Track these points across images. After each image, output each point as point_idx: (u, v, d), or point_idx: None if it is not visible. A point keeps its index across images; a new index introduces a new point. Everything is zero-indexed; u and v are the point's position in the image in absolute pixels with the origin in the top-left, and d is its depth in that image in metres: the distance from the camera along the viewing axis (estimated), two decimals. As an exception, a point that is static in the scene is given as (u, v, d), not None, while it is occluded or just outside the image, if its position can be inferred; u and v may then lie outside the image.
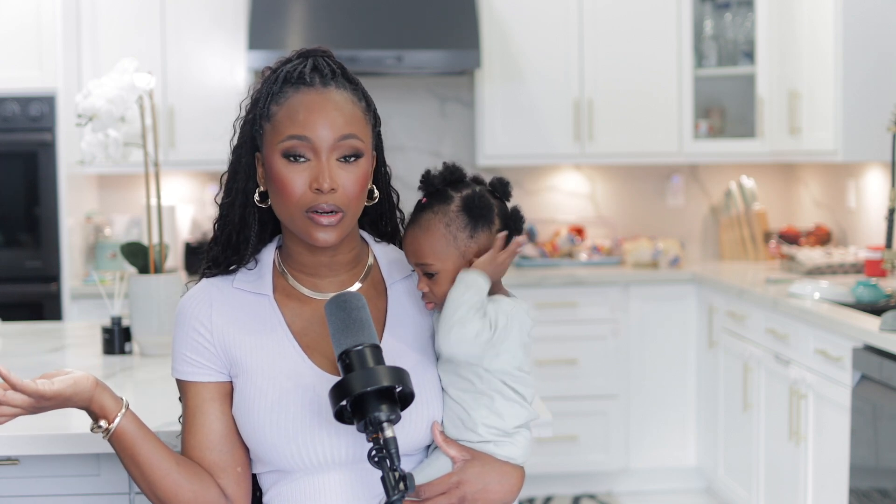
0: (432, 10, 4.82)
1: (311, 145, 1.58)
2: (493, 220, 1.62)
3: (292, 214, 1.60)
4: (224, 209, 1.69)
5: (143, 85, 2.74)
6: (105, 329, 2.86)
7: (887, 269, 3.90)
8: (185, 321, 1.67)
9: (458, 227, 1.61)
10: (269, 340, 1.64)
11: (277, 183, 1.59)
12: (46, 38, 4.50)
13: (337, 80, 1.63)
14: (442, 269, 1.61)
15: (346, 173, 1.59)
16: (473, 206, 1.61)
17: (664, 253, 4.96)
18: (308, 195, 1.58)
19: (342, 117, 1.59)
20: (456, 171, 1.65)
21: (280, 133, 1.59)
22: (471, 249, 1.61)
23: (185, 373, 1.66)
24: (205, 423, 1.64)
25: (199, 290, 1.69)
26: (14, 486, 2.07)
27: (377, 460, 1.43)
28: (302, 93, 1.60)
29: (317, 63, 1.64)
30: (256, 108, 1.64)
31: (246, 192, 1.66)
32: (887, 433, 3.06)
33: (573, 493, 4.82)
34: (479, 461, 1.59)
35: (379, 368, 1.45)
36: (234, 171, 1.68)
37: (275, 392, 1.60)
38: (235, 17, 4.82)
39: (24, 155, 4.53)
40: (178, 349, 1.67)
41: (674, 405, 4.81)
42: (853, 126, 4.12)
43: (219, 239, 1.70)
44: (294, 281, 1.69)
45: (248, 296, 1.67)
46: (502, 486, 1.59)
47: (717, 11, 5.12)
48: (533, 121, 4.99)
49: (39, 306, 4.55)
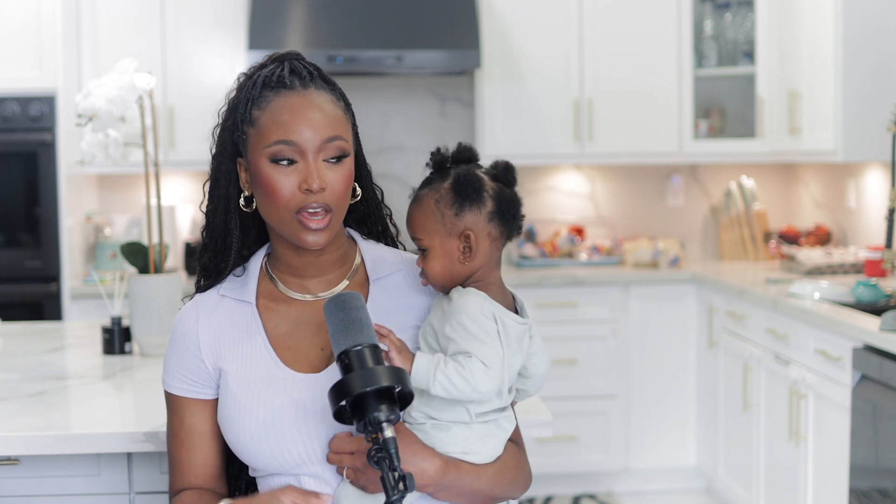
0: (432, 10, 4.82)
1: (298, 148, 1.59)
2: (482, 201, 1.60)
3: (282, 217, 1.61)
4: (209, 216, 1.71)
5: (143, 85, 2.74)
6: (105, 329, 2.86)
7: (887, 269, 3.90)
8: (178, 341, 1.71)
9: (446, 204, 1.60)
10: (247, 347, 1.67)
11: (266, 187, 1.60)
12: (46, 38, 4.50)
13: (315, 81, 1.64)
14: (430, 245, 1.61)
15: (332, 173, 1.60)
16: (461, 184, 1.60)
17: (664, 253, 4.96)
18: (297, 196, 1.59)
19: (326, 119, 1.60)
20: (465, 152, 1.65)
21: (265, 138, 1.60)
22: (457, 228, 1.59)
23: (178, 388, 1.70)
24: (204, 443, 1.69)
25: (189, 307, 1.74)
26: (14, 486, 2.07)
27: (377, 460, 1.43)
28: (283, 96, 1.61)
29: (293, 66, 1.65)
30: (236, 114, 1.65)
31: (228, 198, 1.68)
32: (887, 433, 3.06)
33: (573, 493, 4.82)
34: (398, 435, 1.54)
35: (378, 368, 1.45)
36: (216, 179, 1.69)
37: (247, 397, 1.63)
38: (235, 17, 4.82)
39: (24, 155, 4.53)
40: (171, 365, 1.71)
41: (674, 405, 4.81)
42: (853, 126, 4.12)
43: (208, 246, 1.73)
44: (282, 285, 1.70)
45: (231, 303, 1.70)
46: (413, 467, 1.55)
47: (717, 11, 5.12)
48: (533, 121, 4.99)
49: (39, 306, 4.55)
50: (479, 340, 1.55)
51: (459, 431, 1.59)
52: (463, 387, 1.54)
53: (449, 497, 1.61)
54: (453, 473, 1.58)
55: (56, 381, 2.52)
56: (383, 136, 5.23)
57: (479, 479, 1.61)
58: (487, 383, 1.54)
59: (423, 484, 1.56)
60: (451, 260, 1.60)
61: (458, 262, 1.60)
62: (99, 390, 2.48)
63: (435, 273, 1.62)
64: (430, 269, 1.62)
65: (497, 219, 1.61)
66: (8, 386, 2.45)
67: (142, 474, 2.08)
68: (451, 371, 1.54)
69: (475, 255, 1.60)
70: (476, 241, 1.60)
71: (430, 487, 1.58)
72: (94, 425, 2.09)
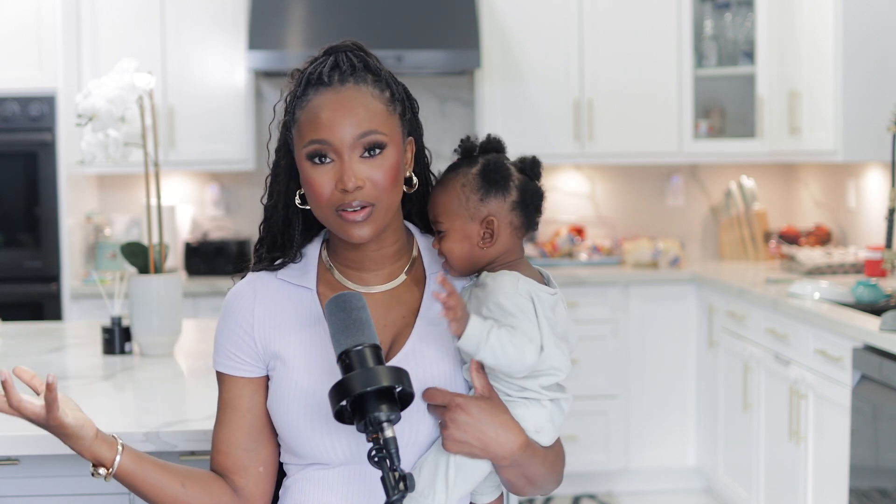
0: (432, 10, 4.82)
1: (332, 146, 1.59)
2: (508, 190, 1.63)
3: (325, 215, 1.62)
4: (268, 211, 1.72)
5: (143, 85, 2.74)
6: (105, 329, 2.86)
7: (887, 269, 3.90)
8: (229, 315, 1.69)
9: (472, 189, 1.63)
10: (310, 334, 1.65)
11: (307, 186, 1.62)
12: (46, 38, 4.50)
13: (357, 74, 1.62)
14: (450, 228, 1.64)
15: (370, 168, 1.59)
16: (489, 171, 1.63)
17: (664, 253, 4.96)
18: (335, 195, 1.59)
19: (359, 114, 1.59)
20: (494, 142, 1.69)
21: (303, 137, 1.61)
22: (480, 213, 1.62)
23: (224, 366, 1.68)
24: (234, 420, 1.67)
25: (245, 283, 1.72)
26: (14, 486, 2.07)
27: (377, 460, 1.43)
28: (321, 94, 1.61)
29: (338, 60, 1.64)
30: (287, 112, 1.66)
31: (287, 194, 1.69)
32: (887, 433, 3.06)
33: (573, 493, 4.82)
34: (491, 402, 1.59)
35: (379, 368, 1.45)
36: (275, 174, 1.70)
37: (311, 385, 1.61)
38: (235, 17, 4.82)
39: (24, 155, 4.54)
40: (221, 342, 1.69)
41: (674, 405, 4.81)
42: (853, 126, 4.12)
43: (264, 240, 1.73)
44: (340, 275, 1.70)
45: (292, 288, 1.69)
46: (497, 436, 1.57)
47: (717, 11, 5.12)
48: (533, 121, 4.99)
49: (39, 306, 4.55)
50: (517, 318, 1.57)
51: (535, 409, 1.62)
52: (514, 354, 1.55)
53: (513, 475, 1.63)
54: (529, 452, 1.61)
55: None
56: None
57: (544, 463, 1.64)
58: (532, 355, 1.56)
59: (501, 455, 1.58)
60: (470, 244, 1.63)
61: (478, 246, 1.63)
62: (99, 390, 2.48)
63: (454, 255, 1.64)
64: (448, 250, 1.64)
65: (520, 209, 1.64)
66: (8, 386, 2.45)
67: (142, 474, 2.07)
68: (504, 337, 1.55)
69: (495, 241, 1.63)
70: (498, 228, 1.63)
71: (507, 461, 1.59)
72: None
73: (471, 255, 1.64)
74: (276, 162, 1.70)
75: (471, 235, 1.63)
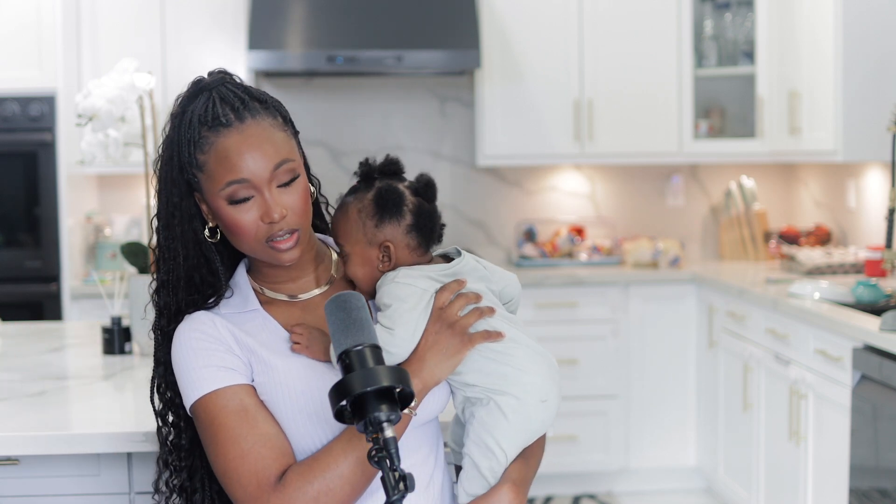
0: (432, 10, 4.82)
1: (252, 184, 1.61)
2: (401, 215, 1.68)
3: (254, 248, 1.65)
4: (168, 252, 1.67)
5: (143, 85, 2.74)
6: (105, 329, 2.86)
7: (887, 269, 3.90)
8: (197, 340, 1.64)
9: (368, 215, 1.68)
10: (279, 344, 1.66)
11: (231, 227, 1.63)
12: (46, 38, 4.50)
13: (249, 107, 1.63)
14: (351, 252, 1.69)
15: (288, 196, 1.63)
16: (382, 198, 1.67)
17: (664, 253, 4.96)
18: (262, 228, 1.62)
19: (267, 149, 1.61)
20: (392, 164, 1.72)
21: (217, 181, 1.61)
22: (377, 238, 1.67)
23: (216, 380, 1.62)
24: (257, 418, 1.61)
25: (191, 318, 1.67)
26: (14, 486, 2.07)
27: (377, 460, 1.43)
28: (223, 136, 1.61)
29: (223, 94, 1.64)
30: (181, 156, 1.63)
31: (194, 231, 1.66)
32: (887, 433, 3.06)
33: (573, 493, 4.82)
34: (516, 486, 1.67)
35: (379, 368, 1.45)
36: (170, 215, 1.66)
37: (301, 384, 1.62)
38: (235, 17, 4.82)
39: (24, 155, 4.53)
40: (199, 365, 1.63)
41: (674, 405, 4.81)
42: (853, 126, 4.12)
43: (169, 283, 1.68)
44: (272, 293, 1.72)
45: (237, 317, 1.68)
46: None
47: (717, 11, 5.12)
48: (533, 121, 4.99)
49: (39, 306, 4.55)
50: (384, 312, 1.64)
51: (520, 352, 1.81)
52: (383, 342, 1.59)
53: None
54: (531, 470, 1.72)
55: (56, 381, 2.52)
56: (383, 136, 5.23)
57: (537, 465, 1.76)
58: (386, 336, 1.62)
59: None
60: (371, 267, 1.69)
61: (378, 269, 1.69)
62: (99, 390, 2.48)
63: (358, 278, 1.70)
64: (353, 274, 1.70)
65: (415, 231, 1.69)
66: (8, 386, 2.45)
67: (142, 474, 2.07)
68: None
69: (393, 264, 1.69)
70: (395, 252, 1.68)
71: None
72: (94, 425, 2.09)
73: (373, 277, 1.70)
74: (165, 201, 1.66)
75: (371, 259, 1.69)
